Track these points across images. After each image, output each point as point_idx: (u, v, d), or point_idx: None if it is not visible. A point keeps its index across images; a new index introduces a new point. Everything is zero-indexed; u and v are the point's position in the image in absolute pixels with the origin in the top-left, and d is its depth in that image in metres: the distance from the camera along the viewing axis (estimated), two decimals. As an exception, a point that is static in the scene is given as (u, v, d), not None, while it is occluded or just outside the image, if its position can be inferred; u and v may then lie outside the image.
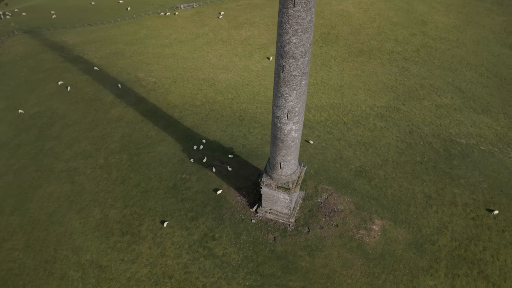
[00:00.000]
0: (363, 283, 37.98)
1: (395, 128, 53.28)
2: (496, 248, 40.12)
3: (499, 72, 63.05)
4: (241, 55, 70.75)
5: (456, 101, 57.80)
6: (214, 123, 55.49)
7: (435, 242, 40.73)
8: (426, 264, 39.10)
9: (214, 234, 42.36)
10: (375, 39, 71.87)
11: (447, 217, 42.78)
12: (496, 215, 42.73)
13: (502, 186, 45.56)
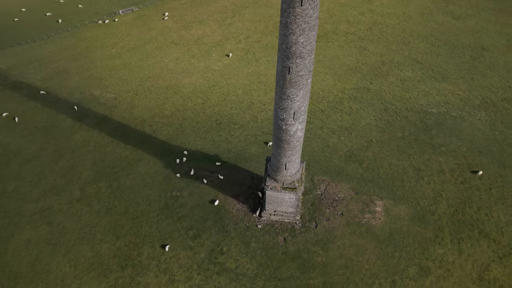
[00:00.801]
0: (380, 265, 38.65)
1: (370, 108, 54.49)
2: (488, 206, 42.83)
3: (448, 40, 66.87)
4: (198, 55, 67.90)
5: (417, 73, 60.40)
6: (191, 131, 52.82)
7: (435, 212, 42.53)
8: (432, 234, 40.73)
9: (222, 248, 40.58)
10: (328, 23, 72.63)
11: (439, 186, 44.80)
12: (481, 176, 45.55)
13: (479, 147, 48.60)
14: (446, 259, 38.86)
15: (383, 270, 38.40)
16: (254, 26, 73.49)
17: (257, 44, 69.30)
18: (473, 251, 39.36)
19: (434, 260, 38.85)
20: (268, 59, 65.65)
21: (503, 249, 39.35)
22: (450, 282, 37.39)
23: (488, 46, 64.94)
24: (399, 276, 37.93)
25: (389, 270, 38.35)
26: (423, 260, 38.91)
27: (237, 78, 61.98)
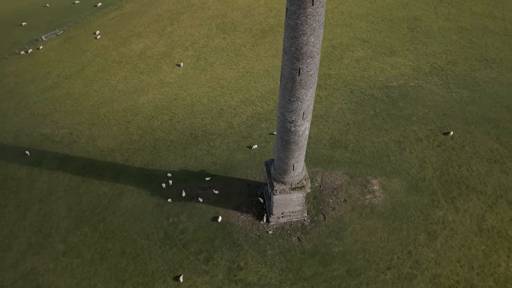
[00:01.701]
0: (393, 240, 40.14)
1: (338, 93, 55.93)
2: (466, 162, 46.52)
3: (384, 16, 70.82)
4: (148, 71, 64.13)
5: (368, 51, 63.21)
6: (168, 151, 49.88)
7: (424, 178, 45.14)
8: (429, 200, 43.24)
9: (238, 264, 39.14)
10: (269, 17, 72.83)
11: (420, 153, 47.58)
12: (452, 136, 49.24)
13: (443, 110, 52.42)
14: (447, 219, 41.55)
15: (397, 244, 39.95)
16: (197, 31, 71.22)
17: (205, 49, 67.29)
18: (467, 206, 42.56)
19: (437, 223, 41.31)
20: (222, 62, 64.11)
21: (490, 198, 43.09)
22: (457, 239, 40.07)
23: (420, 16, 70.05)
24: (412, 245, 39.76)
25: (402, 243, 40.00)
26: (428, 225, 41.19)
27: (197, 87, 59.73)
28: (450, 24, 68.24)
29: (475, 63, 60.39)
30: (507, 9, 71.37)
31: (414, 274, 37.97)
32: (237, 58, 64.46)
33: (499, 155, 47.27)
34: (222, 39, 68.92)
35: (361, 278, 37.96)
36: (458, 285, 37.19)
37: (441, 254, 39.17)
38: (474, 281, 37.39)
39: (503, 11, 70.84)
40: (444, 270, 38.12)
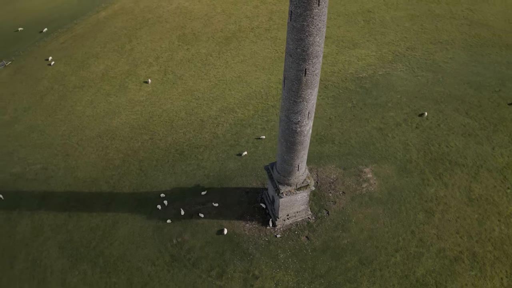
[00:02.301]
0: (395, 223, 41.66)
1: (321, 96, 57.04)
2: (444, 139, 49.43)
3: (339, 11, 73.42)
4: (114, 92, 61.51)
5: (332, 47, 65.19)
6: (156, 171, 48.14)
7: (411, 160, 47.34)
8: (419, 179, 45.39)
9: (253, 273, 38.65)
10: (229, 23, 72.79)
11: (402, 137, 49.84)
12: (427, 116, 52.11)
13: (413, 94, 55.32)
14: (439, 195, 43.87)
15: (399, 226, 41.52)
16: (159, 45, 69.50)
17: (171, 62, 65.84)
18: (454, 180, 45.22)
19: (431, 200, 43.48)
20: (191, 73, 63.06)
21: (472, 169, 46.12)
22: (452, 212, 42.43)
23: (372, 9, 73.47)
24: (414, 225, 41.52)
25: (404, 224, 41.63)
26: (424, 203, 43.22)
27: (171, 101, 58.25)
28: (401, 13, 72.25)
29: (431, 46, 64.42)
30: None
31: (421, 252, 39.66)
32: (206, 68, 63.73)
33: (471, 128, 50.74)
34: (186, 50, 67.82)
35: (374, 265, 39.00)
36: (462, 255, 39.34)
37: (441, 228, 41.27)
38: (475, 248, 39.76)
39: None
40: (446, 243, 40.17)
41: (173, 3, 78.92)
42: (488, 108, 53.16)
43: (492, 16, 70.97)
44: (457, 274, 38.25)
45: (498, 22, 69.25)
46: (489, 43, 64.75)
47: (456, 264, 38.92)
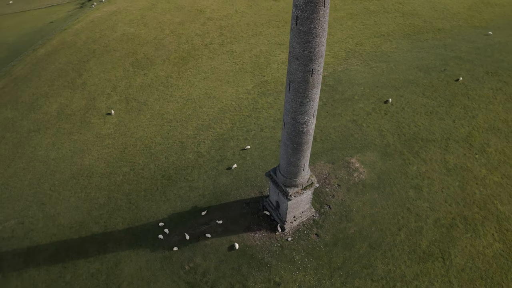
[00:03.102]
0: (391, 204, 44.21)
1: (283, 95, 58.77)
2: (412, 120, 53.58)
3: (284, 19, 76.48)
4: (76, 130, 57.96)
5: (287, 52, 67.68)
6: (147, 201, 46.18)
7: (389, 144, 50.63)
8: (401, 160, 48.66)
9: (274, 280, 38.64)
10: (181, 43, 72.41)
11: (376, 124, 53.16)
12: (392, 102, 56.16)
13: (374, 84, 59.30)
14: (421, 171, 47.40)
15: (396, 206, 44.13)
16: (113, 75, 67.00)
17: (131, 90, 63.80)
18: (430, 155, 49.18)
19: (417, 177, 46.84)
20: (155, 98, 61.60)
21: (443, 142, 50.55)
22: (436, 184, 46.06)
23: (314, 12, 77.60)
24: (408, 203, 44.40)
25: (399, 204, 44.33)
26: (411, 181, 46.42)
27: (142, 129, 56.39)
28: (341, 13, 77.25)
29: (376, 39, 69.66)
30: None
31: (421, 226, 42.48)
32: (169, 90, 62.71)
33: (430, 107, 55.60)
34: (144, 75, 66.18)
35: (383, 247, 40.97)
36: (455, 221, 42.82)
37: (431, 201, 44.59)
38: (464, 213, 43.51)
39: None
40: (440, 213, 43.49)
41: (116, 30, 76.68)
42: (439, 87, 58.69)
43: (419, 6, 78.65)
44: (456, 239, 41.53)
45: (426, 11, 76.89)
46: (424, 30, 71.63)
47: (453, 230, 42.24)
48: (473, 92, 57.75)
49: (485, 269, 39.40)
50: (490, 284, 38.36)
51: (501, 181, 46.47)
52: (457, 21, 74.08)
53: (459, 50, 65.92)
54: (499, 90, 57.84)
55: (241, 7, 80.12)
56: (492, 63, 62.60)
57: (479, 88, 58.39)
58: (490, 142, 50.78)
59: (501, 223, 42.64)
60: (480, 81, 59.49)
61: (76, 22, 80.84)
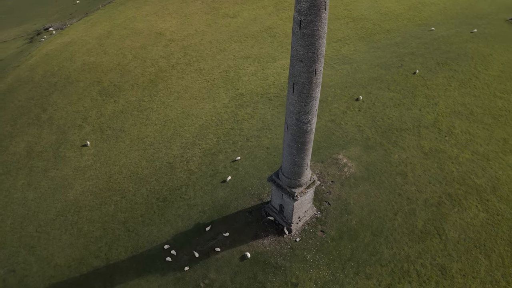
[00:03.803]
0: (383, 192, 46.88)
1: (260, 105, 60.28)
2: (384, 113, 57.31)
3: (245, 33, 78.66)
4: (52, 165, 55.09)
5: (256, 64, 69.67)
6: (146, 227, 44.95)
7: (369, 137, 53.74)
8: (382, 151, 51.80)
9: (291, 282, 39.33)
10: (147, 66, 71.82)
11: (353, 122, 56.23)
12: (362, 99, 59.78)
13: (343, 84, 62.77)
14: (402, 158, 50.82)
15: (388, 193, 46.86)
16: (81, 105, 64.74)
17: (103, 118, 62.03)
18: (407, 142, 52.90)
19: (399, 164, 50.12)
20: (130, 123, 60.36)
21: (415, 129, 54.58)
22: (418, 168, 49.57)
23: (272, 25, 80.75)
24: (398, 189, 47.33)
25: (390, 191, 47.13)
26: (395, 168, 49.57)
27: (124, 155, 54.97)
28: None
29: (335, 44, 73.93)
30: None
31: (413, 208, 45.44)
32: (144, 114, 61.87)
33: (397, 99, 59.95)
34: (114, 103, 64.74)
35: (384, 232, 43.27)
36: (442, 199, 46.30)
37: (417, 184, 47.91)
38: (448, 190, 47.15)
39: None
40: (427, 194, 46.84)
41: (75, 61, 74.43)
42: (401, 81, 63.50)
43: (366, 11, 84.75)
44: (446, 215, 44.91)
45: (372, 15, 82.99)
46: (375, 32, 77.24)
47: (441, 208, 45.63)
48: (430, 82, 63.13)
49: (476, 238, 42.93)
50: (484, 250, 41.84)
51: (472, 157, 51.06)
52: (401, 21, 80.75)
53: (410, 46, 71.85)
54: (451, 78, 63.74)
55: (200, 26, 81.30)
56: (440, 55, 68.89)
57: (434, 78, 63.94)
58: (455, 124, 55.70)
59: (481, 195, 46.78)
60: (434, 71, 65.19)
61: (29, 57, 77.34)
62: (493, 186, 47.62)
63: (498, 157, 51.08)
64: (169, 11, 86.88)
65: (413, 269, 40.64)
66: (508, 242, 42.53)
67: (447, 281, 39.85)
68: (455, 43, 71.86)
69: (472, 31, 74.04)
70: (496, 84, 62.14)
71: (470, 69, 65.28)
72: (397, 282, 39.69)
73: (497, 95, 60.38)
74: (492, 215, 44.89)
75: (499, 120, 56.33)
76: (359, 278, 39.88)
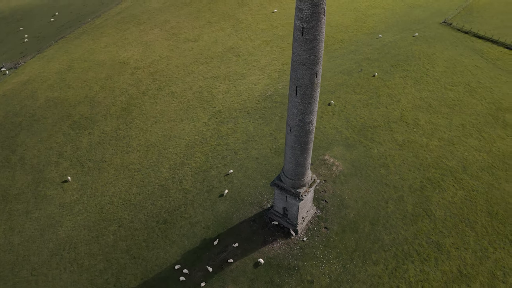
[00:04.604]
0: (371, 184, 50.32)
1: (240, 119, 62.05)
2: (356, 114, 61.66)
3: (209, 55, 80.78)
4: (33, 206, 52.18)
5: (227, 83, 71.66)
6: (153, 250, 44.13)
7: (348, 137, 57.49)
8: (362, 148, 55.64)
9: (307, 279, 40.75)
10: (117, 95, 70.88)
11: (331, 124, 59.81)
12: (334, 103, 63.83)
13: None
14: (381, 151, 54.92)
15: (376, 185, 50.34)
16: (53, 142, 62.27)
17: (80, 152, 60.12)
18: (382, 137, 57.30)
19: (380, 157, 54.05)
20: (111, 153, 59.14)
21: (386, 125, 59.32)
22: (396, 158, 53.85)
23: (234, 45, 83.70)
24: (384, 179, 51.04)
25: (378, 182, 50.69)
26: (377, 161, 53.46)
27: (112, 185, 53.66)
28: (257, 42, 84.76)
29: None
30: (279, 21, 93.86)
31: (401, 195, 49.23)
32: (123, 142, 61.00)
33: (364, 100, 64.80)
34: (89, 135, 63.14)
35: (381, 220, 46.38)
36: (423, 183, 50.62)
37: (399, 173, 51.98)
38: (427, 175, 51.68)
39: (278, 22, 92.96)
40: (410, 181, 50.93)
41: (38, 98, 71.67)
42: (364, 84, 68.77)
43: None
44: (430, 197, 49.14)
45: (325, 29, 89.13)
46: (331, 43, 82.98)
47: (424, 191, 49.88)
48: (389, 82, 69.06)
49: (460, 213, 47.39)
50: (469, 223, 46.27)
51: (440, 144, 56.46)
52: (351, 32, 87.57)
53: (364, 53, 78.11)
54: (406, 77, 70.23)
55: (163, 52, 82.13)
56: (392, 58, 75.66)
57: (392, 78, 70.04)
58: (419, 116, 61.34)
59: (455, 175, 51.81)
60: (390, 73, 71.42)
61: (-16, 100, 73.13)
62: (463, 166, 52.96)
63: (461, 141, 56.96)
64: (129, 40, 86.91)
65: (412, 249, 43.87)
66: (486, 213, 47.41)
67: (444, 255, 43.47)
68: (402, 46, 79.28)
69: (414, 35, 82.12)
70: (444, 79, 69.40)
71: (419, 68, 72.33)
72: (402, 264, 42.60)
73: (447, 88, 67.41)
74: (468, 192, 49.82)
75: (454, 109, 62.88)
76: (368, 266, 42.27)
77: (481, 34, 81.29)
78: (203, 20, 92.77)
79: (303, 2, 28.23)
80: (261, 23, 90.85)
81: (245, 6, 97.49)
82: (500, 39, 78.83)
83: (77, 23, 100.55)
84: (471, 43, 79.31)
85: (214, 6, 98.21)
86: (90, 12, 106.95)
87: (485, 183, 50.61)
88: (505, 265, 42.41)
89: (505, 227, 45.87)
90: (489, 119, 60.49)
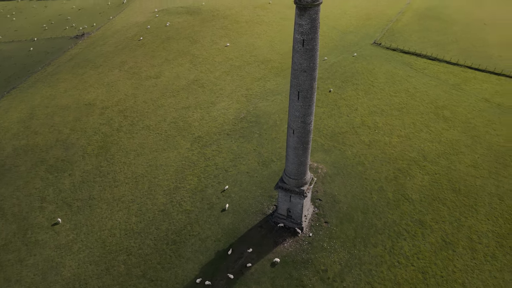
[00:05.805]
0: (354, 179, 56.43)
1: (222, 141, 65.56)
2: (324, 124, 68.63)
3: (172, 89, 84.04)
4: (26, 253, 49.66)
5: (199, 111, 75.21)
6: (170, 270, 44.81)
7: (323, 144, 63.74)
8: (337, 151, 62.11)
9: (321, 269, 44.47)
10: (91, 135, 70.56)
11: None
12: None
13: (282, 110, 72.68)
14: (354, 152, 61.79)
15: (357, 179, 56.51)
16: (32, 188, 60.10)
17: (64, 194, 58.84)
18: (351, 141, 64.44)
19: (355, 157, 60.81)
20: (99, 189, 58.82)
21: (352, 130, 66.89)
22: (368, 156, 60.99)
23: (196, 77, 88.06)
24: (363, 174, 57.47)
25: (358, 177, 56.94)
26: (353, 160, 60.06)
27: (108, 219, 53.37)
28: (217, 73, 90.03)
29: (258, 83, 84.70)
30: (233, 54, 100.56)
31: (380, 185, 55.81)
32: (109, 177, 61.04)
33: (328, 112, 72.22)
34: (69, 176, 62.10)
35: (369, 209, 52.19)
36: (396, 173, 57.92)
37: (374, 167, 58.84)
38: (396, 166, 59.25)
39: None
40: (384, 173, 57.93)
41: (5, 148, 68.86)
42: (324, 99, 76.67)
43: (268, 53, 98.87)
44: (403, 184, 56.33)
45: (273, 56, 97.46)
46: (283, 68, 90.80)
47: (398, 179, 57.04)
48: (344, 95, 77.85)
49: (430, 194, 54.95)
50: (440, 201, 53.79)
51: (399, 140, 64.98)
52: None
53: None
54: (357, 89, 79.73)
55: (128, 90, 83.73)
56: (340, 75, 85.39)
57: (345, 92, 79.03)
58: (377, 120, 70.00)
59: (418, 163, 59.98)
60: (342, 88, 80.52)
61: None
62: (423, 155, 61.51)
63: (415, 136, 66.07)
64: (89, 83, 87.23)
65: (402, 229, 49.91)
66: (451, 190, 55.51)
67: (427, 230, 50.03)
68: (346, 65, 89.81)
69: (353, 55, 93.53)
70: (388, 88, 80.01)
71: (365, 81, 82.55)
72: (396, 242, 48.26)
73: (392, 95, 77.76)
74: (432, 176, 57.95)
75: (403, 111, 72.73)
76: (369, 249, 47.23)
77: (407, 50, 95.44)
78: (160, 59, 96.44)
79: (304, 18, 34.11)
80: (217, 56, 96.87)
81: (197, 43, 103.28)
82: (422, 52, 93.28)
83: (26, 73, 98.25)
84: (400, 57, 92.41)
85: (168, 46, 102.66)
86: (36, 61, 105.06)
87: (444, 167, 59.26)
88: (477, 230, 49.97)
89: (469, 199, 54.09)
90: (432, 116, 70.91)
